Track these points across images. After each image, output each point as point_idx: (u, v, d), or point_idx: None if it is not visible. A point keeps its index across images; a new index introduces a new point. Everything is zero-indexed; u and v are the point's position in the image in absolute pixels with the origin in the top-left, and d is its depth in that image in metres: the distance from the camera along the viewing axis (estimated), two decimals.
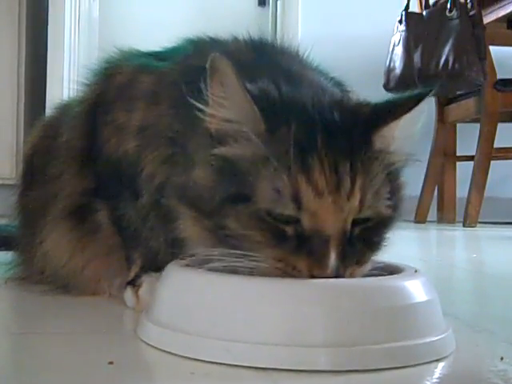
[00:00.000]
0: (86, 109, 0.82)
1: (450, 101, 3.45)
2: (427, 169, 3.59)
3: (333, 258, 0.56)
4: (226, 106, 0.60)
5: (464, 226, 3.09)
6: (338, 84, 0.80)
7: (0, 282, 0.91)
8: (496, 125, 3.10)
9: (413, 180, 2.91)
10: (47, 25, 2.89)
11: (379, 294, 0.55)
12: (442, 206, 3.64)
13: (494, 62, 3.10)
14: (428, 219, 3.61)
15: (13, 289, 0.88)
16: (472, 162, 3.20)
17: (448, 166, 3.61)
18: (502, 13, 3.07)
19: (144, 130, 0.72)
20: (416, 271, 0.62)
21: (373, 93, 2.95)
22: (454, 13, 2.96)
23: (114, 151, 0.76)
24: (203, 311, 0.56)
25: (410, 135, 0.65)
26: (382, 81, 3.34)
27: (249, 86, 0.60)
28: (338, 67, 3.54)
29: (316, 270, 0.56)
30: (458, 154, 3.62)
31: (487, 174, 3.12)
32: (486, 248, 2.13)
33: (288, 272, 0.57)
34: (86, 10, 3.32)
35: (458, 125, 3.59)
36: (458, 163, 3.61)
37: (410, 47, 3.08)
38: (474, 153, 3.21)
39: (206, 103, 0.61)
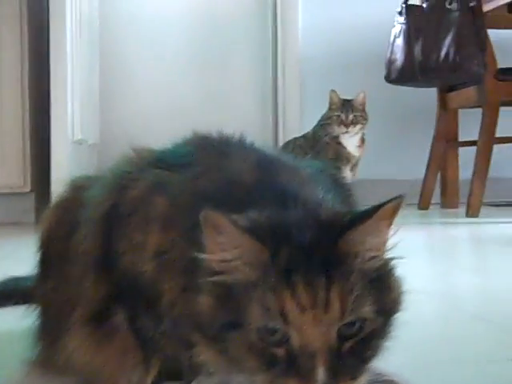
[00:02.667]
0: (101, 216, 0.85)
1: (452, 88, 3.46)
2: (430, 155, 3.62)
3: (320, 374, 0.60)
4: (222, 249, 0.65)
5: (467, 215, 3.13)
6: (336, 186, 0.83)
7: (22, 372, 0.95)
8: (497, 114, 3.12)
9: (416, 164, 2.99)
10: (48, 33, 2.90)
11: None
12: (445, 192, 3.68)
13: (494, 47, 3.11)
14: (432, 201, 3.65)
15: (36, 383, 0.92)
16: (474, 148, 3.23)
17: (450, 152, 3.64)
18: (501, 2, 3.06)
19: (159, 255, 0.76)
20: None
21: (373, 81, 3.02)
22: (454, 4, 2.96)
23: (130, 267, 0.79)
24: None
25: (384, 240, 0.68)
26: (383, 71, 3.35)
27: (241, 220, 0.65)
28: (338, 55, 3.60)
29: None
30: (460, 139, 3.64)
31: (489, 162, 3.15)
32: (491, 262, 2.15)
33: None
34: (87, 14, 3.31)
35: (460, 110, 3.61)
36: (460, 148, 3.64)
37: (411, 39, 3.09)
38: (476, 137, 3.23)
39: (204, 249, 0.66)
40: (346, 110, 3.06)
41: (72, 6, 3.01)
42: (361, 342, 0.64)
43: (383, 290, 0.67)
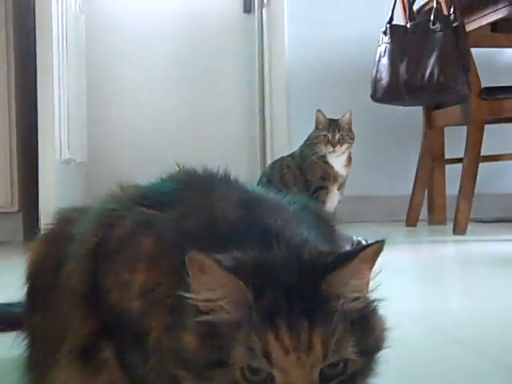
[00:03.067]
0: (87, 254, 0.86)
1: (438, 106, 3.50)
2: (417, 172, 3.66)
3: None
4: (207, 289, 0.66)
5: (454, 233, 3.15)
6: (319, 222, 0.85)
7: None
8: (482, 133, 3.15)
9: (404, 181, 3.00)
10: (35, 54, 2.90)
11: None
12: (433, 208, 3.71)
13: (478, 66, 3.14)
14: (420, 218, 3.68)
15: None
16: (461, 164, 3.25)
17: (437, 169, 3.67)
18: (484, 22, 3.10)
19: (145, 294, 0.77)
20: None
21: (360, 99, 3.05)
22: (438, 25, 2.99)
23: (117, 304, 0.80)
24: None
25: (366, 282, 0.69)
26: (370, 88, 3.38)
27: (226, 260, 0.66)
28: (325, 73, 3.63)
29: None
30: (446, 155, 3.68)
31: (475, 180, 3.18)
32: (478, 284, 2.16)
33: None
34: (74, 34, 3.33)
35: (446, 127, 3.64)
36: (447, 165, 3.67)
37: (396, 59, 3.12)
38: (462, 155, 3.26)
39: (189, 289, 0.67)
40: (332, 130, 3.08)
41: (58, 25, 3.02)
42: (344, 382, 0.65)
43: (365, 330, 0.68)
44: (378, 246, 0.66)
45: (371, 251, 0.66)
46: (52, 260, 0.96)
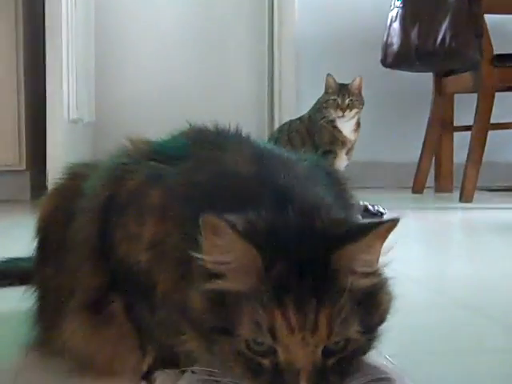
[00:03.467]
0: (97, 206, 0.86)
1: (448, 73, 3.46)
2: (425, 139, 3.64)
3: None
4: (218, 252, 0.66)
5: (460, 200, 3.15)
6: (330, 181, 0.84)
7: (21, 357, 0.97)
8: (493, 100, 3.13)
9: (411, 148, 2.97)
10: (44, 13, 2.88)
11: None
12: (440, 176, 3.70)
13: (491, 32, 3.10)
14: (426, 185, 3.67)
15: (34, 365, 0.94)
16: (469, 132, 3.24)
17: (445, 137, 3.65)
18: None
19: (154, 247, 0.77)
20: None
21: (369, 65, 3.01)
22: None
23: (125, 257, 0.81)
24: None
25: (376, 257, 0.68)
26: (380, 55, 3.35)
27: (240, 223, 0.65)
28: (335, 38, 3.58)
29: None
30: (455, 123, 3.65)
31: (483, 148, 3.16)
32: (483, 250, 2.16)
33: None
34: None
35: (455, 94, 3.61)
36: (455, 132, 3.65)
37: (407, 24, 3.09)
38: (471, 122, 3.24)
39: (201, 251, 0.67)
40: (342, 95, 3.06)
41: None
42: (344, 358, 0.66)
43: (371, 307, 0.68)
44: (392, 224, 0.66)
45: (385, 228, 0.66)
46: (62, 214, 0.97)
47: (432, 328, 1.18)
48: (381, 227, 0.66)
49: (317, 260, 0.65)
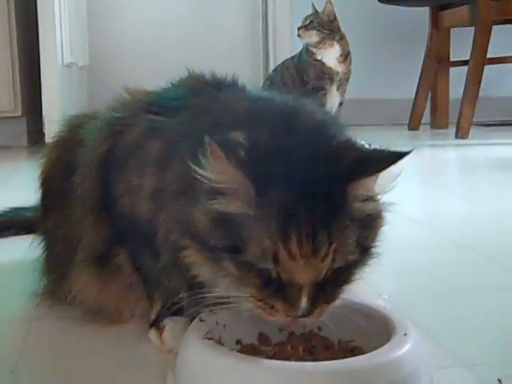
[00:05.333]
0: (97, 160, 0.87)
1: (445, 6, 3.42)
2: (420, 75, 3.62)
3: (304, 302, 0.66)
4: (219, 172, 0.67)
5: (456, 136, 3.16)
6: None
7: (31, 306, 1.00)
8: (489, 34, 3.10)
9: (407, 84, 2.95)
10: None
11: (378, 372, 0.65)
12: (436, 112, 3.70)
13: None
14: (422, 121, 3.68)
15: (46, 315, 0.97)
16: (465, 68, 3.22)
17: (441, 72, 3.63)
18: None
19: (155, 194, 0.78)
20: (405, 334, 0.71)
21: (365, 1, 2.94)
22: None
23: (128, 208, 0.83)
24: None
25: (385, 189, 0.70)
26: None
27: (239, 150, 0.66)
28: None
29: (289, 312, 0.67)
30: (451, 58, 3.63)
31: (480, 83, 3.15)
32: (479, 187, 2.17)
33: (267, 311, 0.68)
34: None
35: (452, 29, 3.58)
36: (451, 68, 3.63)
37: None
38: (467, 57, 3.22)
39: (203, 168, 0.68)
40: (306, 19, 3.09)
41: None
42: (338, 270, 0.68)
43: (369, 230, 0.70)
44: (402, 156, 0.67)
45: (395, 163, 0.66)
46: (64, 165, 0.99)
47: (430, 268, 1.21)
48: (393, 163, 0.66)
49: (325, 189, 0.65)
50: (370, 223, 0.70)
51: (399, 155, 0.67)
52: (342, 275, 0.69)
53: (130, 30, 4.00)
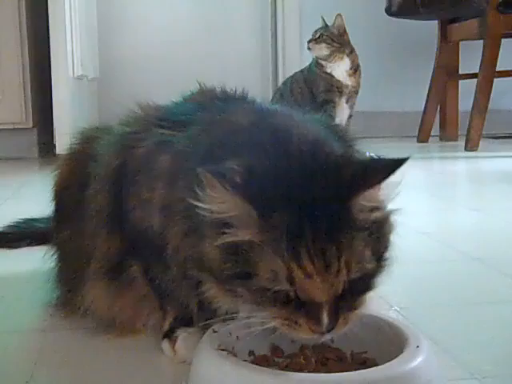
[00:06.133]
0: (110, 174, 0.89)
1: (453, 20, 3.43)
2: (430, 87, 3.63)
3: (325, 318, 0.66)
4: (218, 202, 0.67)
5: (466, 149, 3.16)
6: (338, 138, 0.85)
7: (44, 318, 1.01)
8: (498, 47, 3.11)
9: (416, 96, 2.94)
10: None
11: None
12: (445, 125, 3.70)
13: None
14: (432, 134, 3.68)
15: (60, 325, 0.98)
16: (475, 80, 3.22)
17: (451, 85, 3.64)
18: None
19: (165, 209, 0.80)
20: (418, 346, 0.71)
21: (374, 14, 2.96)
22: None
23: (139, 222, 0.84)
24: None
25: (389, 197, 0.71)
26: (384, 3, 3.32)
27: (235, 176, 0.66)
28: None
29: (313, 327, 0.67)
30: (460, 71, 3.64)
31: (489, 96, 3.16)
32: (489, 199, 2.17)
33: (292, 326, 0.68)
34: None
35: (461, 42, 3.58)
36: (460, 81, 3.63)
37: None
38: (476, 70, 3.22)
39: (202, 200, 0.68)
40: (316, 31, 3.10)
41: None
42: (358, 280, 0.68)
43: (380, 238, 0.70)
44: (401, 163, 0.68)
45: (396, 171, 0.67)
46: (77, 178, 1.00)
47: (441, 280, 1.21)
48: (393, 172, 0.67)
49: (331, 205, 0.66)
50: (379, 230, 0.70)
51: (397, 163, 0.68)
52: (362, 284, 0.70)
53: (140, 44, 4.03)
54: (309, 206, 0.66)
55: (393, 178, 0.68)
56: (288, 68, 3.79)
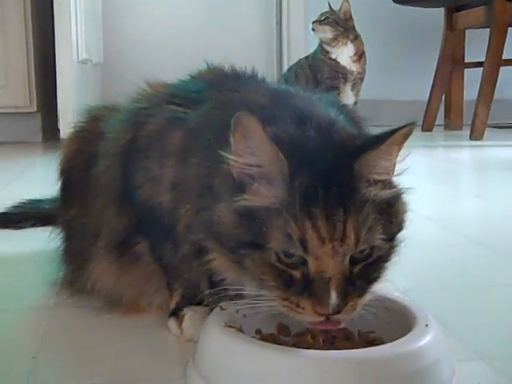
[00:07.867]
0: (120, 150, 0.88)
1: (460, 7, 3.41)
2: (435, 76, 3.61)
3: (333, 297, 0.65)
4: (248, 153, 0.67)
5: (471, 138, 3.15)
6: (345, 115, 0.85)
7: (50, 296, 1.01)
8: (505, 35, 3.09)
9: (421, 85, 2.93)
10: None
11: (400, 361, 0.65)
12: (450, 114, 3.69)
13: None
14: (436, 123, 3.66)
15: (66, 303, 0.98)
16: (480, 69, 3.21)
17: (456, 73, 3.62)
18: None
19: (176, 186, 0.79)
20: (427, 325, 0.71)
21: (380, 1, 2.94)
22: None
23: (148, 198, 0.83)
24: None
25: (393, 164, 0.71)
26: None
27: (271, 134, 0.67)
28: None
29: (318, 308, 0.66)
30: (466, 60, 3.62)
31: (495, 85, 3.14)
32: (494, 187, 2.17)
33: (293, 309, 0.68)
34: None
35: (466, 30, 3.57)
36: (466, 69, 3.62)
37: None
38: (482, 59, 3.21)
39: (231, 152, 0.68)
40: (322, 14, 3.10)
41: None
42: (368, 265, 0.69)
43: (391, 217, 0.70)
44: (408, 129, 0.68)
45: (402, 134, 0.68)
46: (84, 156, 0.99)
47: (447, 265, 1.21)
48: (398, 133, 0.68)
49: (340, 170, 0.67)
50: (392, 210, 0.70)
51: (395, 131, 0.68)
52: (371, 269, 0.69)
53: (144, 28, 4.01)
54: (322, 172, 0.67)
55: (395, 148, 0.69)
56: (293, 55, 3.78)
